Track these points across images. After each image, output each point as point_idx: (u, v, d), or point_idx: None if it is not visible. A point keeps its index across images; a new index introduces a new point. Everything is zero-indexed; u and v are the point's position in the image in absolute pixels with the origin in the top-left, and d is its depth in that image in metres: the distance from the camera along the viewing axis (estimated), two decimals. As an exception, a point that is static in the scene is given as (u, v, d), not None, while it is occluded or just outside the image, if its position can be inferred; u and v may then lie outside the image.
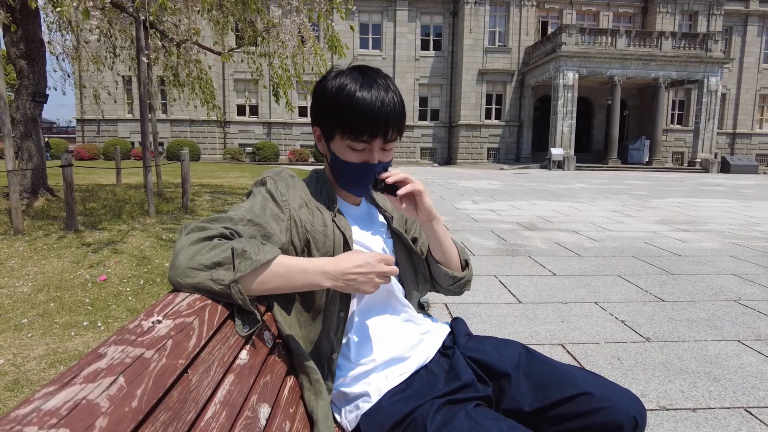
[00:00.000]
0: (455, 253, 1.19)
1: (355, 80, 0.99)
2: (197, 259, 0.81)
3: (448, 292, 1.24)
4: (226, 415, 0.70)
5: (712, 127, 25.30)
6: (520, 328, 2.87)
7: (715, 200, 11.13)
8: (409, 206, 1.07)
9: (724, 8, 28.44)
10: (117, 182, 11.23)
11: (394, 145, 1.07)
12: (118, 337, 0.63)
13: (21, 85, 7.08)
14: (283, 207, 1.01)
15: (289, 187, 1.05)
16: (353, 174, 1.05)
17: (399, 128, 1.03)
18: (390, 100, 0.99)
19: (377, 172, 1.04)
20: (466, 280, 1.22)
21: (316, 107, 1.05)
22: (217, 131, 28.11)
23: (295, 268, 0.88)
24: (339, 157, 1.04)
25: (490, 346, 1.13)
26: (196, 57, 9.49)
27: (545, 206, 9.24)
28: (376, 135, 1.00)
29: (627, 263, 4.56)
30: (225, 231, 0.88)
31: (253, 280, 0.84)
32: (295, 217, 1.01)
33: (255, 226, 0.93)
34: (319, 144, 1.10)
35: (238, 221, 0.92)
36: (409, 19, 28.49)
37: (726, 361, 2.44)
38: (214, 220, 0.91)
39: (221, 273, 0.81)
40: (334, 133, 1.02)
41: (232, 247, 0.82)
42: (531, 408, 1.00)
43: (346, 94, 0.98)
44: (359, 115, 0.97)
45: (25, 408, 0.46)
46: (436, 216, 1.11)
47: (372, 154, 1.03)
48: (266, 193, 1.02)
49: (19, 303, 3.26)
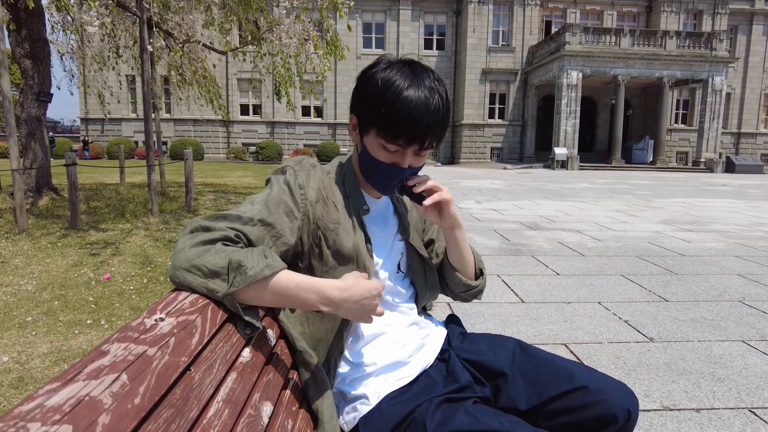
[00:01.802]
0: (472, 261, 1.17)
1: (404, 77, 0.94)
2: (195, 263, 0.79)
3: (458, 298, 1.22)
4: (228, 413, 0.70)
5: (716, 127, 25.19)
6: (523, 327, 2.86)
7: (719, 200, 11.08)
8: (433, 213, 1.05)
9: (729, 7, 28.29)
10: (121, 181, 11.27)
11: (429, 152, 1.02)
12: (121, 334, 0.63)
13: (26, 85, 7.11)
14: (299, 202, 0.97)
15: (310, 176, 1.02)
16: (380, 173, 1.01)
17: (438, 138, 0.98)
18: (435, 106, 0.94)
19: (405, 177, 1.00)
20: (479, 290, 1.20)
21: (358, 96, 1.00)
22: (220, 130, 28.17)
23: (294, 289, 0.83)
24: (370, 153, 1.00)
25: (484, 345, 1.13)
26: (201, 56, 9.52)
27: (548, 206, 9.22)
28: (413, 143, 0.95)
29: (630, 263, 4.55)
30: (230, 233, 0.85)
31: (248, 293, 0.81)
32: (310, 212, 0.98)
33: (265, 227, 0.90)
34: (353, 133, 1.05)
35: (247, 221, 0.89)
36: (413, 19, 28.48)
37: (730, 361, 2.43)
38: (223, 217, 0.88)
39: (217, 284, 0.78)
40: (371, 127, 0.98)
41: (229, 259, 0.79)
42: (527, 406, 1.02)
43: (393, 90, 0.93)
44: (400, 117, 0.92)
45: (29, 404, 0.46)
46: (459, 224, 1.09)
47: (404, 158, 0.98)
48: (284, 185, 0.98)
49: (23, 301, 3.28)
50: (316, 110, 29.11)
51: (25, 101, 7.09)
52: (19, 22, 6.90)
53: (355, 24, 27.95)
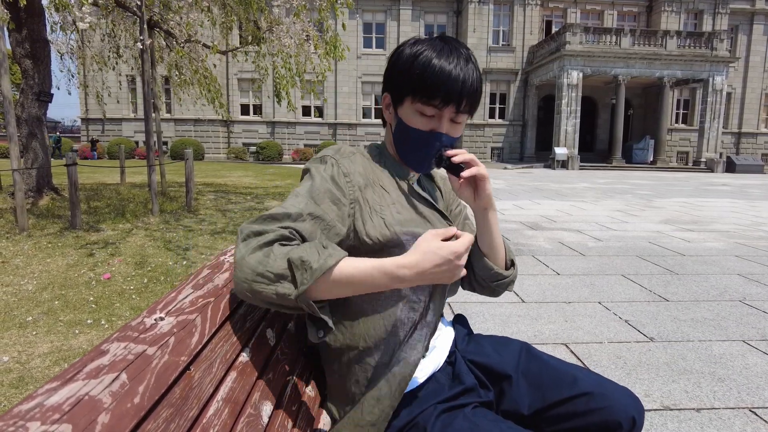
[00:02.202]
0: (502, 249, 1.10)
1: (434, 47, 0.94)
2: (259, 271, 0.76)
3: (485, 291, 1.14)
4: (228, 413, 0.70)
5: (717, 127, 25.16)
6: (524, 327, 2.86)
7: (720, 200, 11.07)
8: (468, 190, 1.01)
9: (729, 7, 28.26)
10: (121, 181, 11.28)
11: (465, 120, 0.99)
12: (120, 333, 0.63)
13: (26, 85, 7.11)
14: (345, 191, 0.93)
15: (353, 163, 0.97)
16: (418, 142, 0.97)
17: (473, 101, 0.96)
18: (470, 70, 0.94)
19: (443, 146, 0.97)
20: (510, 281, 1.11)
21: (390, 71, 1.00)
22: (221, 130, 28.17)
23: (361, 275, 0.80)
24: (405, 123, 0.98)
25: (489, 347, 1.12)
26: (201, 56, 9.52)
27: (549, 206, 9.22)
28: (449, 101, 0.93)
29: (631, 263, 4.55)
30: (284, 232, 0.82)
31: (319, 288, 0.78)
32: (360, 198, 0.94)
33: (314, 220, 0.87)
34: (386, 112, 1.04)
35: (296, 217, 0.85)
36: (413, 19, 28.46)
37: (731, 361, 2.43)
38: (272, 218, 0.84)
39: (286, 287, 0.76)
40: (405, 96, 0.96)
41: (289, 258, 0.76)
42: (530, 411, 1.01)
43: (425, 56, 0.93)
44: (435, 76, 0.92)
45: (28, 404, 0.46)
46: (493, 205, 1.04)
47: (441, 123, 0.96)
48: (326, 174, 0.93)
49: (24, 301, 3.28)
50: (316, 110, 29.11)
51: (26, 101, 7.09)
52: (20, 22, 6.91)
53: (356, 24, 27.95)
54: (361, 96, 28.87)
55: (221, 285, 0.90)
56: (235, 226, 5.99)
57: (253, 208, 7.66)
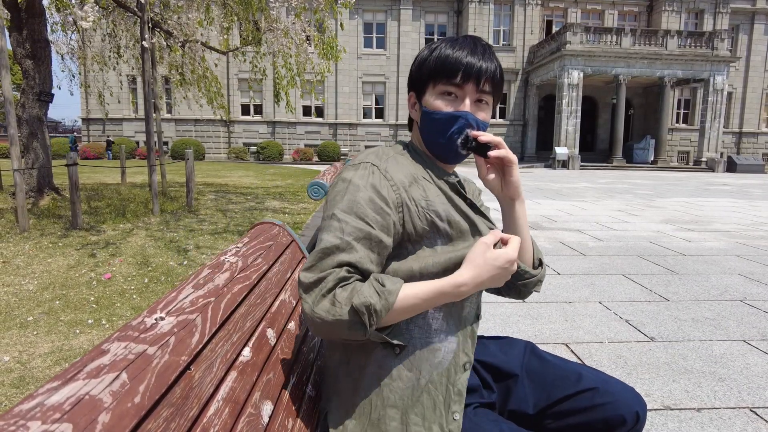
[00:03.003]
0: (530, 245, 1.05)
1: (450, 41, 0.97)
2: (329, 320, 0.80)
3: (511, 292, 1.08)
4: (228, 412, 0.70)
5: (718, 126, 25.15)
6: (524, 327, 2.86)
7: (721, 200, 11.06)
8: (496, 178, 0.99)
9: (730, 6, 28.24)
10: (122, 181, 11.29)
11: (490, 104, 0.98)
12: (121, 333, 0.63)
13: (27, 85, 7.12)
14: (388, 196, 0.89)
15: (396, 163, 0.94)
16: (444, 125, 0.94)
17: (494, 82, 0.95)
18: (488, 55, 0.95)
19: (469, 125, 0.95)
20: (538, 280, 1.05)
21: (411, 72, 1.01)
22: (221, 131, 28.19)
23: (422, 303, 0.85)
24: (430, 112, 0.96)
25: (494, 347, 1.13)
26: (201, 56, 9.52)
27: (549, 205, 9.21)
28: (469, 78, 0.92)
29: (632, 263, 4.54)
30: (340, 273, 0.82)
31: (385, 322, 0.84)
32: (406, 199, 0.90)
33: (363, 241, 0.85)
34: (412, 111, 1.03)
35: (346, 246, 0.83)
36: (414, 19, 28.46)
37: (731, 361, 2.43)
38: (323, 255, 0.84)
39: (359, 331, 0.81)
40: (427, 84, 0.96)
41: (353, 306, 0.79)
42: (536, 408, 1.02)
43: (440, 49, 0.95)
44: (454, 57, 0.93)
45: (29, 403, 0.46)
46: (521, 195, 1.00)
47: (464, 103, 0.94)
48: (366, 183, 0.89)
49: (24, 301, 3.29)
50: (316, 110, 29.12)
51: (27, 101, 7.10)
52: (20, 23, 6.91)
53: (356, 24, 27.95)
54: (361, 96, 28.87)
55: (221, 285, 0.90)
56: (236, 226, 6.00)
57: (254, 208, 7.66)
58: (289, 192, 10.39)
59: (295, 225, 6.21)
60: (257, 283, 1.04)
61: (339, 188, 0.90)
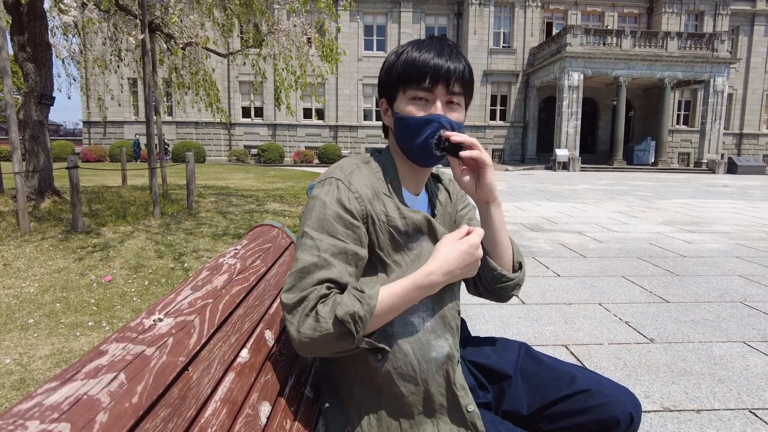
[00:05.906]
0: (509, 248, 1.04)
1: (415, 44, 0.96)
2: (316, 337, 0.82)
3: (491, 295, 1.07)
4: (226, 413, 0.70)
5: (718, 128, 25.14)
6: (524, 329, 2.86)
7: (721, 201, 11.05)
8: (470, 180, 0.98)
9: (730, 8, 28.26)
10: (122, 184, 11.30)
11: (462, 104, 0.98)
12: (119, 334, 0.64)
13: (28, 88, 7.14)
14: (354, 209, 0.91)
15: (359, 176, 0.95)
16: (417, 129, 0.94)
17: (463, 82, 0.95)
18: (455, 55, 0.94)
19: (442, 127, 0.94)
20: (515, 284, 1.04)
21: (380, 78, 1.01)
22: (222, 133, 28.22)
23: (399, 301, 0.87)
24: (403, 116, 0.96)
25: (488, 348, 1.13)
26: (201, 60, 9.54)
27: (550, 207, 9.21)
28: (438, 80, 0.92)
29: (631, 264, 4.54)
30: (320, 290, 0.84)
31: (370, 327, 0.85)
32: (371, 211, 0.92)
33: (339, 256, 0.87)
34: (385, 117, 1.02)
35: (323, 264, 0.85)
36: (414, 21, 28.50)
37: (731, 362, 2.43)
38: (302, 274, 0.85)
39: (347, 341, 0.82)
40: (397, 90, 0.96)
41: (338, 318, 0.81)
42: (530, 410, 1.02)
43: (406, 53, 0.95)
44: (420, 61, 0.92)
45: (28, 403, 0.47)
46: (496, 198, 1.00)
47: (435, 106, 0.94)
48: (332, 199, 0.90)
49: (25, 303, 3.29)
50: (317, 112, 29.15)
51: (28, 104, 7.11)
52: (22, 26, 6.94)
53: (356, 26, 27.99)
54: (362, 98, 28.90)
55: (220, 286, 0.90)
56: (236, 229, 6.00)
57: (254, 211, 7.67)
58: (289, 194, 10.40)
59: (294, 227, 6.21)
60: (256, 285, 1.04)
61: (309, 206, 0.92)
